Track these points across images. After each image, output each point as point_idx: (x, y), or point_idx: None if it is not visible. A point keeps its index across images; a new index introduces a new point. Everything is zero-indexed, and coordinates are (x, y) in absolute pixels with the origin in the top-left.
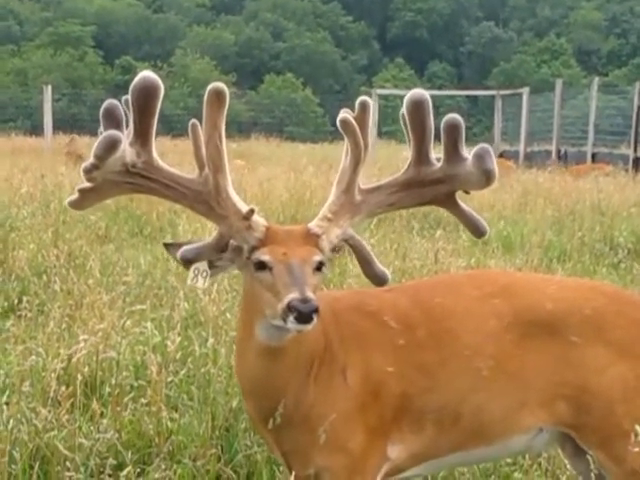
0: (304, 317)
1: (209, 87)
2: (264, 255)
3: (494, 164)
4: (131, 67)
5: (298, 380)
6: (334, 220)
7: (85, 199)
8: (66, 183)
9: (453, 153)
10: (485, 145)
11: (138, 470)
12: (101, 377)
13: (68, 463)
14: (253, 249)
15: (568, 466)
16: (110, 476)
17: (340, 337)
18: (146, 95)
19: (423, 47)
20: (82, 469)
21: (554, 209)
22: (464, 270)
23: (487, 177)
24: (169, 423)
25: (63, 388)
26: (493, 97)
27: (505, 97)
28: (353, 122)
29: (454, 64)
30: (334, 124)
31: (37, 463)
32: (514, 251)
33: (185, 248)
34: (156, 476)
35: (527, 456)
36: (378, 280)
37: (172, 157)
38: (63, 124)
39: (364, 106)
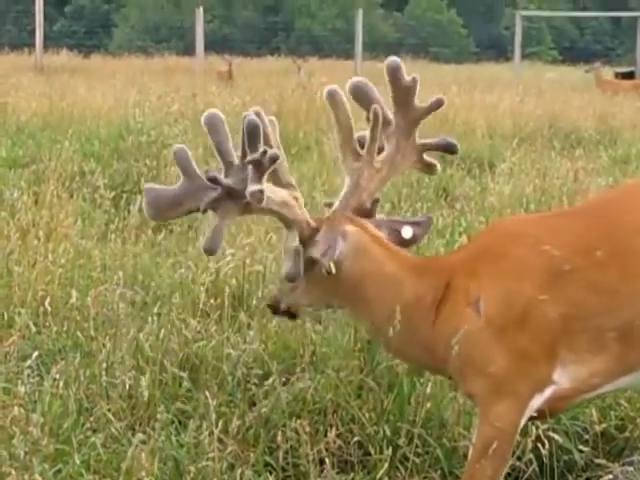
0: None
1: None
2: None
3: None
4: None
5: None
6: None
7: None
8: (217, 102)
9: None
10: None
11: (283, 380)
12: (248, 290)
13: (216, 372)
14: None
15: None
16: (256, 385)
17: (473, 272)
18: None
19: None
20: (229, 378)
21: None
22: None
23: None
24: (313, 335)
25: (212, 300)
26: (636, 19)
27: None
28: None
29: None
30: (478, 45)
31: (186, 372)
32: None
33: None
34: (300, 385)
35: None
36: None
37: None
38: (214, 45)
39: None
